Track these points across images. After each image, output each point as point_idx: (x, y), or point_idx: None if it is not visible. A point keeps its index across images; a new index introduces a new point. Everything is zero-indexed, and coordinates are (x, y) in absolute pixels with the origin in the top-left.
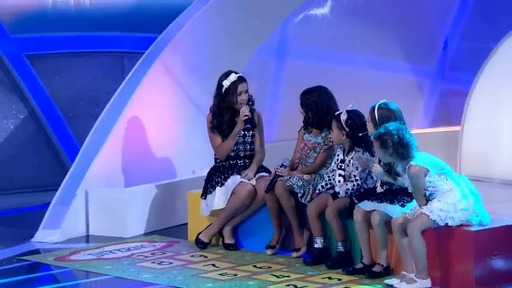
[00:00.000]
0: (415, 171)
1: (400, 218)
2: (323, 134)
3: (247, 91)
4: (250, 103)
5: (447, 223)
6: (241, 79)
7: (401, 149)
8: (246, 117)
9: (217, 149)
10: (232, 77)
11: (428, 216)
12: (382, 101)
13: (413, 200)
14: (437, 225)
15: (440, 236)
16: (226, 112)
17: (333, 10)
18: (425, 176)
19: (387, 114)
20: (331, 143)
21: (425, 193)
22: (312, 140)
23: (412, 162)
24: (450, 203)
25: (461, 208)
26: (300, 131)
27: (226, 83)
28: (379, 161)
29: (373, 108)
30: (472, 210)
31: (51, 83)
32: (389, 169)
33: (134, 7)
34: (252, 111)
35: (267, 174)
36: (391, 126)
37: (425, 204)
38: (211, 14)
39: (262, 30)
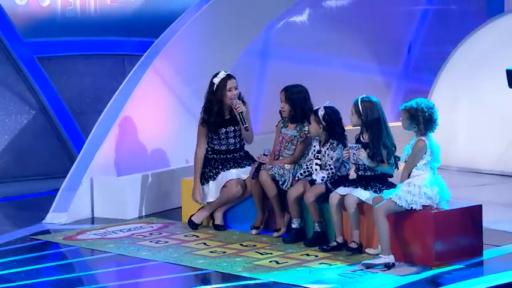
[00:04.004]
0: (421, 145)
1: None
2: (298, 128)
3: (236, 88)
4: (240, 99)
5: (412, 207)
6: (230, 76)
7: (428, 121)
8: (241, 111)
9: (196, 153)
10: (222, 75)
11: (396, 202)
12: (364, 95)
13: (385, 186)
14: (402, 209)
15: (405, 217)
16: (215, 105)
17: (310, 17)
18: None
19: (370, 105)
20: (305, 135)
21: None
22: (288, 133)
23: (423, 138)
24: (416, 185)
25: (425, 192)
26: (277, 125)
27: (216, 80)
28: (364, 148)
29: (357, 101)
30: (434, 201)
31: (59, 82)
32: (373, 155)
33: (133, 15)
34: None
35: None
36: (423, 103)
37: (405, 180)
38: (201, 21)
39: (248, 35)
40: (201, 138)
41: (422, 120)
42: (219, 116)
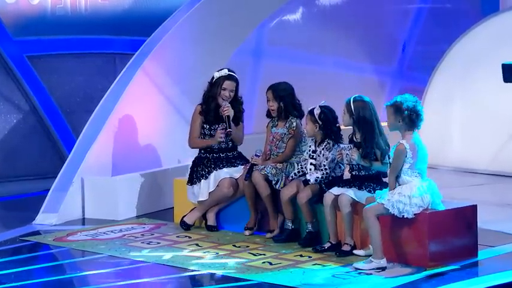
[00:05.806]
0: (401, 149)
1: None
2: (287, 125)
3: (232, 91)
4: (237, 103)
5: (403, 215)
6: (230, 77)
7: (413, 115)
8: (227, 114)
9: (191, 140)
10: (223, 72)
11: (388, 210)
12: (356, 95)
13: (379, 186)
14: (393, 215)
15: (399, 218)
16: (211, 101)
17: (304, 16)
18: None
19: (362, 105)
20: (293, 131)
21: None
22: (279, 131)
23: (403, 141)
24: (406, 195)
25: (415, 203)
26: (267, 126)
27: (216, 75)
28: (357, 147)
29: (349, 100)
30: (426, 207)
31: (50, 81)
32: (366, 154)
33: (124, 13)
34: (240, 110)
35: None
36: (409, 97)
37: (393, 189)
38: (193, 20)
39: (240, 34)
40: (196, 126)
41: (407, 113)
42: (215, 114)
